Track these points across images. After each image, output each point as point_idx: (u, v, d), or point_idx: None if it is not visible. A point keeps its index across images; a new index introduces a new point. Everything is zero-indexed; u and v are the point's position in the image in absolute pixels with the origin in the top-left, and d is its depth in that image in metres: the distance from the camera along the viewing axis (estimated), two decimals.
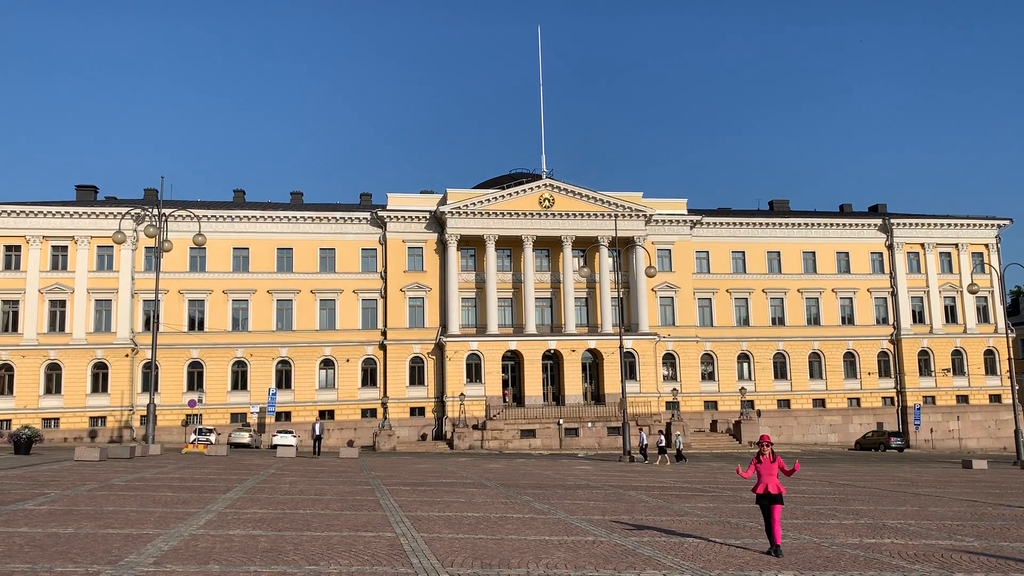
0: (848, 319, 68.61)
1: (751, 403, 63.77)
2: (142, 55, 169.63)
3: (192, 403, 56.51)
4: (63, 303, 58.48)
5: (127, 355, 58.42)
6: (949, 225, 69.99)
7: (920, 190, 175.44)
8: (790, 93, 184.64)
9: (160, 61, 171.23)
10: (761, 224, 67.99)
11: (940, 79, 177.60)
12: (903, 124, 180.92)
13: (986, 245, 70.37)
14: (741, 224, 67.68)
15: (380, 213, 62.36)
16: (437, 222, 62.81)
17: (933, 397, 67.91)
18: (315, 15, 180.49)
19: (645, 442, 43.61)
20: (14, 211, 58.08)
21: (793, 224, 68.56)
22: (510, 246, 63.74)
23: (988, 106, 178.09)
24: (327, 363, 61.52)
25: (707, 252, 67.19)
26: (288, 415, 59.61)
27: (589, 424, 57.75)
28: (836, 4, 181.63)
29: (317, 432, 42.55)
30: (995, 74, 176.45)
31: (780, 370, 66.86)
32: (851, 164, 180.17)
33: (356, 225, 63.03)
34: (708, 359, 66.03)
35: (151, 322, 50.27)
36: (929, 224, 69.74)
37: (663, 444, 41.89)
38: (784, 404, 66.51)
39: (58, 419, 57.07)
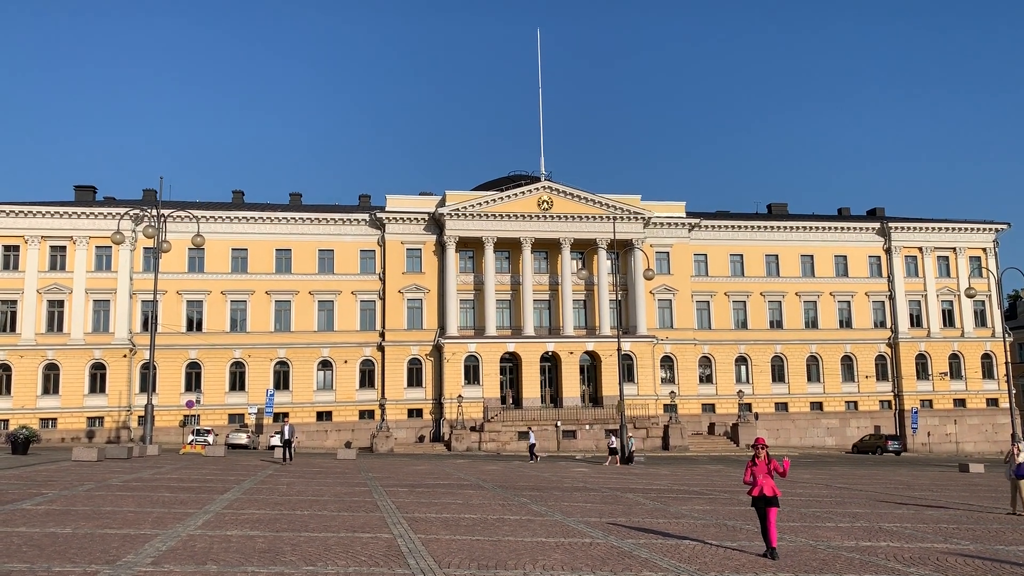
0: (846, 322, 68.67)
1: (749, 406, 63.78)
2: (141, 55, 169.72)
3: (190, 404, 56.52)
4: (61, 303, 58.47)
5: (125, 355, 58.40)
6: (947, 229, 70.04)
7: (918, 194, 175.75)
8: (789, 97, 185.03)
9: (159, 61, 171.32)
10: (759, 227, 68.05)
11: (939, 83, 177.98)
12: (902, 128, 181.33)
13: (984, 249, 70.44)
14: (739, 227, 67.73)
15: (379, 215, 62.39)
16: (436, 224, 62.83)
17: (930, 401, 68.00)
18: (314, 15, 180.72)
19: (533, 441, 45.11)
20: (12, 211, 58.09)
21: (791, 227, 68.61)
22: (509, 248, 63.77)
23: (986, 110, 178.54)
24: (325, 364, 61.52)
25: (705, 255, 67.25)
26: (286, 416, 59.51)
27: (587, 426, 57.75)
28: (835, 7, 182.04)
29: (287, 435, 35.41)
30: (994, 78, 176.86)
31: (778, 373, 66.93)
32: (850, 168, 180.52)
33: (355, 226, 63.06)
34: (706, 362, 66.10)
35: (149, 322, 50.23)
36: (927, 228, 69.80)
37: (614, 446, 42.34)
38: (782, 407, 66.58)
39: (56, 419, 57.04)
